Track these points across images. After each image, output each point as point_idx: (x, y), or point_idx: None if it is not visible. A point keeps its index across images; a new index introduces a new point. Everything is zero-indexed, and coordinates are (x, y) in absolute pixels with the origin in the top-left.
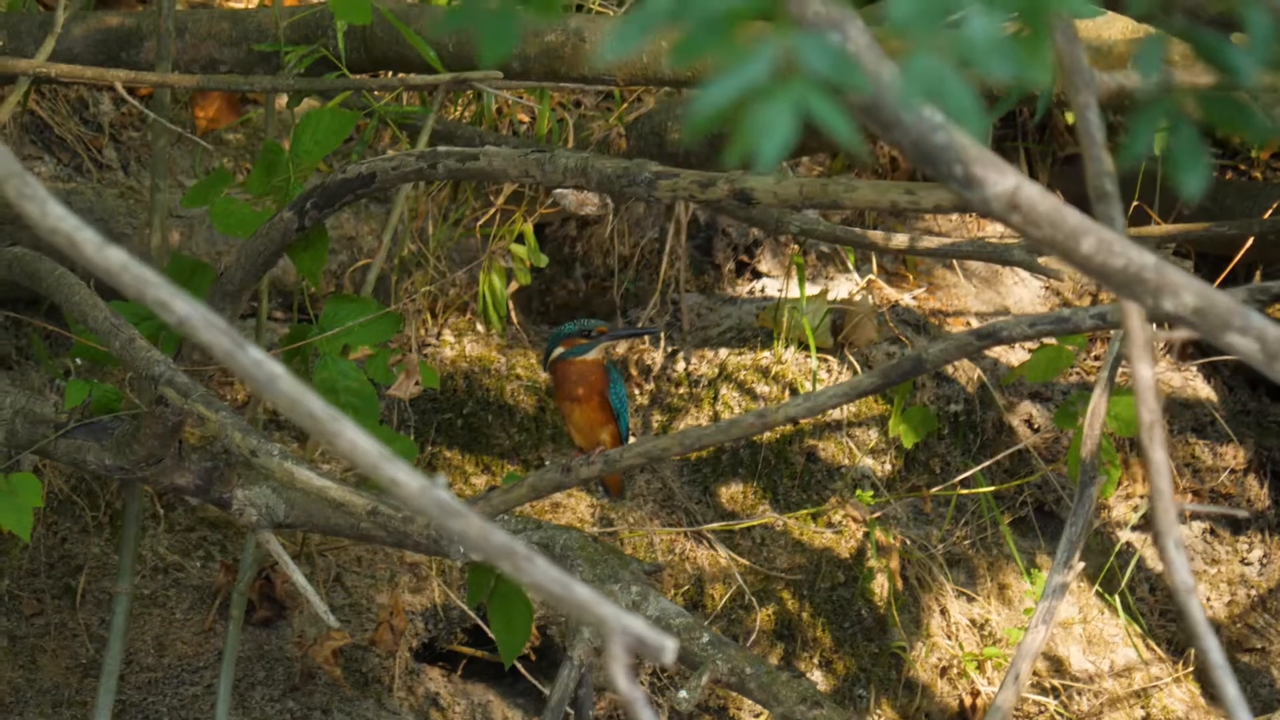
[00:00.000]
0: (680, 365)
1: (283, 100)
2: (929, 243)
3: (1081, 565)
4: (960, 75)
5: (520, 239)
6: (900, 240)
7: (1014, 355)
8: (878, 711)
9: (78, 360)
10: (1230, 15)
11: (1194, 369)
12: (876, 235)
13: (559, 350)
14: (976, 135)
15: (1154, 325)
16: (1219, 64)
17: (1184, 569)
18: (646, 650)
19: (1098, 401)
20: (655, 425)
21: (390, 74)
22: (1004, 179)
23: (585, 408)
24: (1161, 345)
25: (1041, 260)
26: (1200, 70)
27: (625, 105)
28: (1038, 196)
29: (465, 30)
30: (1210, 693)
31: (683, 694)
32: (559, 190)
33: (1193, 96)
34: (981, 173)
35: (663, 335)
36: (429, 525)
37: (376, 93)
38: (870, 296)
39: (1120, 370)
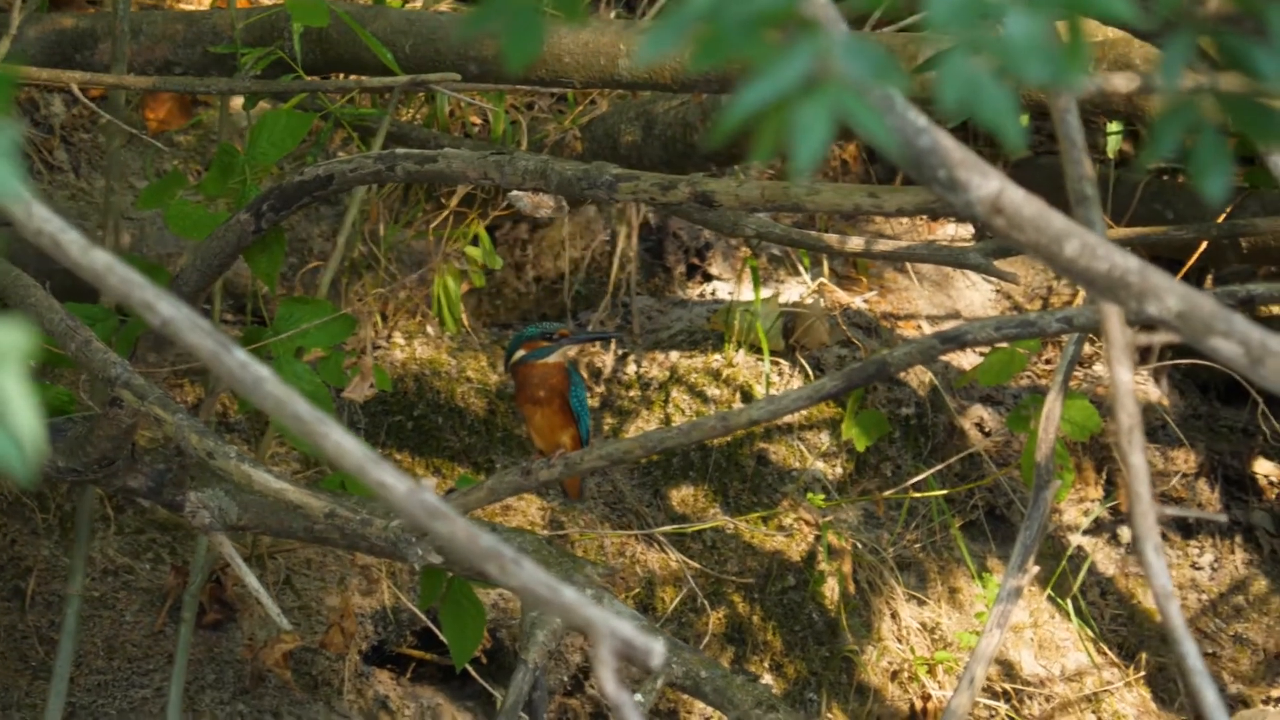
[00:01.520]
0: (631, 368)
1: (238, 102)
2: (885, 246)
3: (1035, 569)
4: (998, 78)
5: (475, 241)
6: (856, 243)
7: (966, 359)
8: (829, 715)
9: (30, 362)
10: (1245, 16)
11: (1145, 373)
12: (832, 238)
13: (521, 353)
14: (1014, 140)
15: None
16: (1243, 67)
17: (1163, 574)
18: (634, 653)
19: (1052, 405)
20: (606, 428)
21: (345, 76)
22: (987, 182)
23: (546, 410)
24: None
25: (997, 264)
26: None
27: (580, 108)
28: (1021, 200)
29: (422, 32)
30: (1161, 697)
31: (637, 697)
32: (514, 193)
33: (1214, 100)
34: (965, 176)
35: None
36: (386, 528)
37: (332, 94)
38: (822, 299)
39: (1074, 374)
